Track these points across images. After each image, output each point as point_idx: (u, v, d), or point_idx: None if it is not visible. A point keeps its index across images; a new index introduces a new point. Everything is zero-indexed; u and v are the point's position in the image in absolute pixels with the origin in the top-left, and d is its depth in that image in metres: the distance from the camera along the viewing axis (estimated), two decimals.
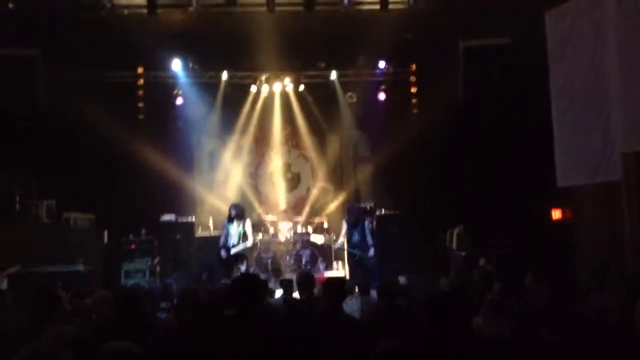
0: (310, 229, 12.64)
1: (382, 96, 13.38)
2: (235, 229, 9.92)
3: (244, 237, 9.87)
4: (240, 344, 3.50)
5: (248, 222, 10.11)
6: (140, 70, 12.75)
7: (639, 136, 7.85)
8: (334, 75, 13.24)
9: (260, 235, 11.10)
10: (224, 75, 13.07)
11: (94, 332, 3.54)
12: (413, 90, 13.27)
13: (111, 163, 11.75)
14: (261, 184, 13.99)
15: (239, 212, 10.01)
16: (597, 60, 8.49)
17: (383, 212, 12.14)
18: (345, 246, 10.23)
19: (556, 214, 11.51)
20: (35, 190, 11.02)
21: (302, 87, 13.39)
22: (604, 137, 8.36)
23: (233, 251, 9.82)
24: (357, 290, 7.24)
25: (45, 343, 2.98)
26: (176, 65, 12.71)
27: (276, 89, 13.48)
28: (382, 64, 13.11)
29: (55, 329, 3.27)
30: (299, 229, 12.61)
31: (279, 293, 7.79)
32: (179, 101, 13.12)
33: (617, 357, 3.47)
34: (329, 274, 11.68)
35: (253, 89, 13.41)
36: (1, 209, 10.27)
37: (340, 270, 12.08)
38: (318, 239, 11.88)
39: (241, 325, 3.59)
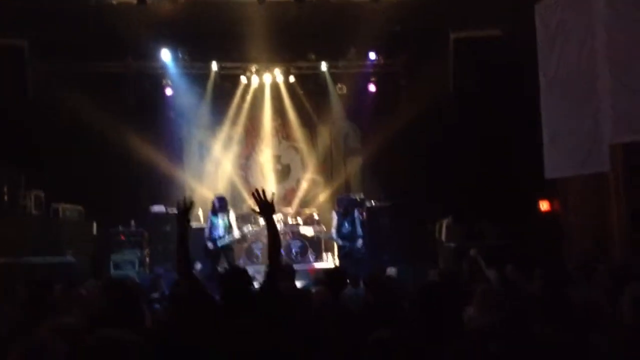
0: (300, 220, 12.64)
1: (372, 87, 13.36)
2: (220, 220, 9.97)
3: (229, 229, 9.94)
4: (234, 337, 3.50)
5: (232, 214, 10.18)
6: (129, 60, 12.67)
7: (627, 128, 7.90)
8: (324, 66, 13.21)
9: (250, 227, 11.07)
10: (214, 66, 13.01)
11: (89, 323, 3.54)
12: (403, 81, 13.29)
13: (100, 154, 11.70)
14: (251, 175, 13.97)
15: (222, 204, 10.07)
16: (585, 53, 8.54)
17: (373, 204, 12.18)
18: (335, 237, 10.23)
19: (544, 205, 11.58)
20: (24, 181, 10.93)
21: (292, 79, 13.34)
22: (593, 129, 8.41)
23: (220, 243, 9.88)
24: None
25: (41, 335, 2.98)
26: (165, 55, 12.63)
27: (266, 80, 13.43)
28: (372, 56, 13.06)
29: (50, 321, 3.27)
30: (289, 220, 12.61)
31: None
32: (169, 92, 13.04)
33: (605, 349, 3.51)
34: (319, 265, 11.71)
35: (243, 80, 13.36)
36: None
37: (330, 261, 12.11)
38: (308, 230, 11.89)
39: (235, 316, 3.60)
